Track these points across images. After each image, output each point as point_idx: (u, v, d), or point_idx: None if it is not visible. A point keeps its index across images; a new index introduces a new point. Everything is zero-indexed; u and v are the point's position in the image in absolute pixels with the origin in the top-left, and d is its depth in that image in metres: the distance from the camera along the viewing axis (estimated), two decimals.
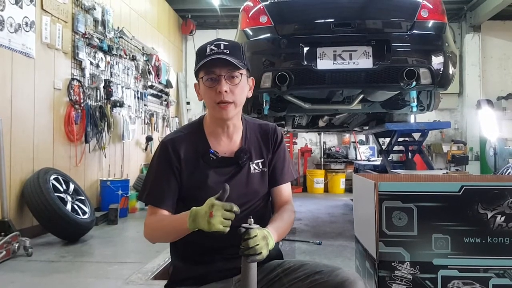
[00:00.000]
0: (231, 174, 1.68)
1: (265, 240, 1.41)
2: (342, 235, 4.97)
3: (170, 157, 1.65)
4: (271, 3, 4.17)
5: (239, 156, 1.68)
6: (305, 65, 3.88)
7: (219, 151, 1.68)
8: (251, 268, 1.40)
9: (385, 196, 1.81)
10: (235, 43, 1.64)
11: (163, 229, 1.60)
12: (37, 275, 3.56)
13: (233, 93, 1.59)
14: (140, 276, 3.42)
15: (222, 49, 1.57)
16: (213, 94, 1.58)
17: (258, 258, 1.38)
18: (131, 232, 5.41)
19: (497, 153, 7.00)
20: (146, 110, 8.27)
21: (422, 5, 4.00)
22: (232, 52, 1.58)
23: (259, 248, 1.38)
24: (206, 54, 1.57)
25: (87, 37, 5.92)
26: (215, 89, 1.57)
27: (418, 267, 1.79)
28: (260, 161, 1.74)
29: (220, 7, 9.60)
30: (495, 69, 10.56)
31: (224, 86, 1.56)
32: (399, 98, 4.66)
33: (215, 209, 1.38)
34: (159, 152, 1.69)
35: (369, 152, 10.21)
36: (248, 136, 1.75)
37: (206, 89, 1.60)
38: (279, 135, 1.80)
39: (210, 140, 1.70)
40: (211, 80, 1.58)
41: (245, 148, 1.70)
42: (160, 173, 1.66)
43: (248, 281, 1.40)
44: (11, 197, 4.53)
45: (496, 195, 1.78)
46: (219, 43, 1.59)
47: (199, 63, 1.58)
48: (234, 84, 1.60)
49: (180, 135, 1.71)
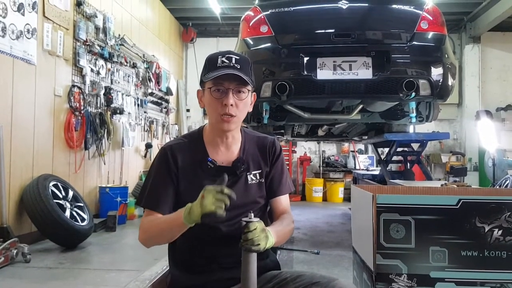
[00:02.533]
0: (228, 183, 1.68)
1: (264, 233, 1.44)
2: (340, 244, 4.96)
3: (169, 163, 1.67)
4: (272, 13, 4.18)
5: (236, 165, 1.69)
6: (305, 75, 3.89)
7: (217, 161, 1.69)
8: (251, 260, 1.44)
9: (383, 209, 1.81)
10: (245, 58, 1.66)
11: (158, 226, 1.59)
12: (35, 282, 3.56)
13: (238, 107, 1.61)
14: (138, 284, 3.41)
15: (234, 63, 1.58)
16: (219, 105, 1.59)
17: (255, 249, 1.41)
18: (129, 239, 5.40)
19: (496, 164, 7.00)
20: (146, 117, 8.29)
21: (422, 17, 4.01)
22: (243, 67, 1.59)
23: (257, 240, 1.41)
24: (217, 65, 1.59)
25: (88, 44, 5.94)
26: (221, 101, 1.59)
27: (415, 279, 1.79)
28: (258, 172, 1.75)
29: (221, 16, 9.64)
30: (494, 80, 10.59)
31: (231, 99, 1.58)
32: (398, 108, 4.67)
33: (206, 192, 1.40)
34: (158, 158, 1.71)
35: (368, 162, 10.22)
36: (247, 147, 1.76)
37: (212, 100, 1.61)
38: (278, 148, 1.81)
39: (208, 149, 1.71)
40: (218, 91, 1.59)
41: (242, 158, 1.71)
42: (158, 178, 1.67)
43: (248, 273, 1.44)
44: (10, 203, 4.53)
45: (494, 208, 1.79)
46: (231, 57, 1.60)
47: (209, 72, 1.59)
48: (241, 99, 1.62)
49: (180, 143, 1.73)
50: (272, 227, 1.59)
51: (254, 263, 1.44)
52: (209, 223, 1.46)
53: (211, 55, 1.64)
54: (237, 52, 4.20)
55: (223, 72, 1.56)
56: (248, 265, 1.44)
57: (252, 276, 1.44)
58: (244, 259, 1.44)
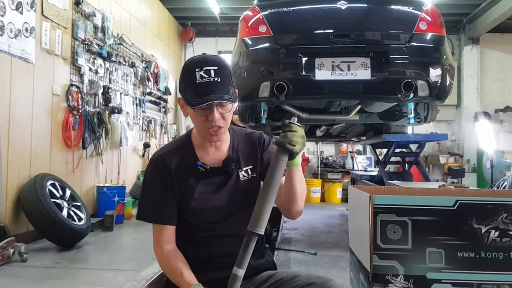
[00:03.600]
0: (220, 183, 1.69)
1: (303, 139, 1.45)
2: (338, 245, 4.96)
3: (162, 172, 1.66)
4: (271, 13, 4.18)
5: (227, 164, 1.69)
6: (303, 75, 3.89)
7: (207, 162, 1.68)
8: (281, 162, 1.43)
9: (380, 209, 1.81)
10: (222, 64, 1.56)
11: (169, 273, 1.62)
12: (32, 281, 3.54)
13: (224, 118, 1.58)
14: (135, 284, 3.41)
15: (213, 76, 1.51)
16: (204, 120, 1.56)
17: (290, 147, 1.41)
18: (126, 239, 5.39)
19: (494, 166, 7.02)
20: (144, 116, 8.27)
21: (420, 18, 4.01)
22: (223, 79, 1.53)
23: (295, 142, 1.41)
24: (196, 81, 1.52)
25: (86, 43, 5.94)
26: (206, 117, 1.55)
27: (412, 280, 1.79)
28: (249, 168, 1.74)
29: (220, 15, 9.64)
30: (493, 81, 10.60)
31: (216, 115, 1.54)
32: (396, 109, 4.67)
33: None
34: (150, 170, 1.70)
35: (366, 162, 10.23)
36: (236, 145, 1.75)
37: (197, 117, 1.57)
38: (266, 139, 1.80)
39: (198, 152, 1.70)
40: (202, 110, 1.54)
41: (232, 156, 1.71)
42: (156, 190, 1.66)
43: (275, 174, 1.42)
44: (7, 202, 4.51)
45: (491, 210, 1.79)
46: (209, 70, 1.51)
47: (189, 89, 1.54)
48: (226, 111, 1.57)
49: (169, 150, 1.72)
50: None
51: (283, 166, 1.43)
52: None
53: (188, 65, 1.56)
54: (236, 52, 4.23)
55: (206, 103, 1.50)
56: (276, 166, 1.43)
57: (277, 180, 1.43)
58: (275, 158, 1.44)
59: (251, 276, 1.69)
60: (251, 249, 1.38)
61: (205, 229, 1.63)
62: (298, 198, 1.63)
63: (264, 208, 1.40)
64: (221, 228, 1.64)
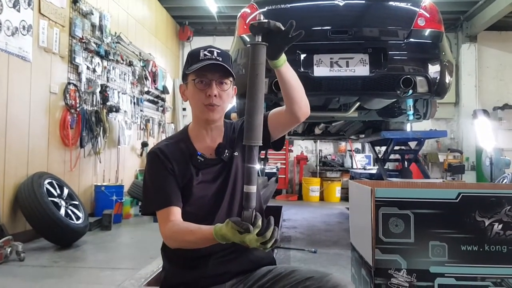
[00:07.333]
0: (218, 172, 1.70)
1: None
2: (337, 243, 4.94)
3: (162, 161, 1.66)
4: (269, 10, 4.15)
5: (219, 151, 1.70)
6: (301, 72, 3.86)
7: (205, 153, 1.70)
8: (259, 66, 1.39)
9: (381, 203, 1.79)
10: (226, 52, 1.70)
11: (183, 238, 1.55)
12: (29, 280, 3.52)
13: (221, 98, 1.65)
14: (133, 282, 3.38)
15: (216, 56, 1.64)
16: (203, 96, 1.64)
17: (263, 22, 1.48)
18: (124, 238, 5.37)
19: (493, 163, 7.02)
20: (142, 115, 8.25)
21: (419, 14, 4.00)
22: (224, 60, 1.64)
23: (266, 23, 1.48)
24: (199, 58, 1.64)
25: (84, 42, 5.91)
26: (205, 92, 1.63)
27: (415, 274, 1.77)
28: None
29: (217, 14, 9.64)
30: (491, 79, 10.61)
31: (214, 90, 1.63)
32: (395, 106, 4.65)
33: (248, 239, 1.32)
34: (150, 161, 1.70)
35: (365, 161, 10.22)
36: (229, 135, 1.77)
37: (196, 91, 1.65)
38: None
39: (195, 144, 1.72)
40: (201, 83, 1.64)
41: (223, 143, 1.72)
42: (158, 177, 1.65)
43: (254, 79, 1.39)
44: (5, 201, 4.49)
45: (494, 202, 1.77)
46: (212, 50, 1.65)
47: (191, 66, 1.64)
48: (223, 90, 1.66)
49: (166, 144, 1.73)
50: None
51: (262, 68, 1.39)
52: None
53: (193, 50, 1.71)
54: (234, 49, 4.21)
55: (206, 63, 1.61)
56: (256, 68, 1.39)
57: (260, 83, 1.39)
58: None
59: (250, 271, 1.69)
60: (256, 162, 1.38)
61: (204, 222, 1.61)
62: (298, 93, 1.71)
63: (254, 119, 1.38)
64: (221, 218, 1.62)
